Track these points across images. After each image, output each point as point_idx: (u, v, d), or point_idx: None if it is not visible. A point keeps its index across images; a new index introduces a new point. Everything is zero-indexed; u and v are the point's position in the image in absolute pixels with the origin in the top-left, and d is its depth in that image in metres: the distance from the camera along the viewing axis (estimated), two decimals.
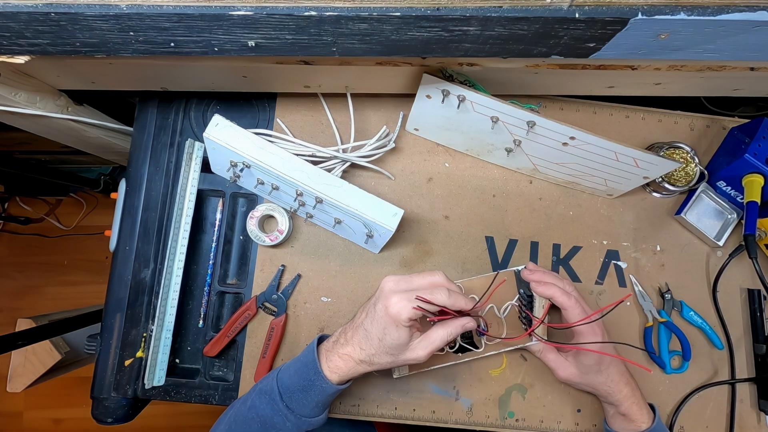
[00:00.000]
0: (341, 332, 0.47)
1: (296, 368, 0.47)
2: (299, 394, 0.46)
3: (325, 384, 0.45)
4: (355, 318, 0.47)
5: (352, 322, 0.47)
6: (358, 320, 0.46)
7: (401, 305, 0.42)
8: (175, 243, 0.56)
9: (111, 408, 0.57)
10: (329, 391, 0.45)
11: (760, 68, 0.47)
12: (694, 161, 0.60)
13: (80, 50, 0.38)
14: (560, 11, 0.33)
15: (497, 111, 0.50)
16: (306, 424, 0.46)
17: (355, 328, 0.46)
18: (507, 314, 0.56)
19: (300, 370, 0.47)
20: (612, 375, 0.51)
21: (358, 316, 0.47)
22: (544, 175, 0.61)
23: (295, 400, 0.45)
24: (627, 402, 0.51)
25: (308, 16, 0.34)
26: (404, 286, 0.43)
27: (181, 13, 0.34)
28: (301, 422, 0.46)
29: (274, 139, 0.57)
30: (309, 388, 0.45)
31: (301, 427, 0.46)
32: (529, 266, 0.55)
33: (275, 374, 0.48)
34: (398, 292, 0.43)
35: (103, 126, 0.68)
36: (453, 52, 0.38)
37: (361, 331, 0.45)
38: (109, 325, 0.58)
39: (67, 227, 1.49)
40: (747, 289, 0.61)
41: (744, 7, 0.32)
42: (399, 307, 0.42)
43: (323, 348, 0.47)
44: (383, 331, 0.43)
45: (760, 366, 0.59)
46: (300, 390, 0.46)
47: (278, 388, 0.46)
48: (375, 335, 0.44)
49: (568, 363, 0.52)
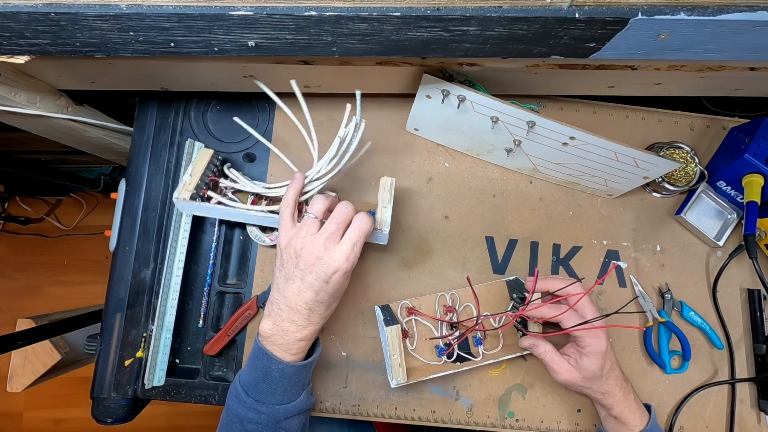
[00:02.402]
0: (268, 312, 0.47)
1: (250, 362, 0.48)
2: (262, 384, 0.46)
3: (281, 365, 0.45)
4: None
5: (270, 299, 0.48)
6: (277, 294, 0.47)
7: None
8: (175, 243, 0.56)
9: (111, 408, 0.57)
10: (288, 371, 0.46)
11: (760, 68, 0.47)
12: (694, 161, 0.60)
13: (80, 50, 0.38)
14: (560, 11, 0.33)
15: (497, 111, 0.50)
16: (283, 411, 0.46)
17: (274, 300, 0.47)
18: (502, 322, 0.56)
19: (253, 362, 0.47)
20: (610, 379, 0.51)
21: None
22: (544, 175, 0.61)
23: (260, 391, 0.46)
24: (619, 406, 0.51)
25: (308, 16, 0.34)
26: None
27: (181, 13, 0.34)
28: (275, 410, 0.46)
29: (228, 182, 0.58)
30: (267, 375, 0.46)
31: (277, 415, 0.46)
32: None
33: (237, 377, 0.49)
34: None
35: (103, 126, 0.68)
36: (453, 52, 0.38)
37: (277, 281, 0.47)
38: (109, 325, 0.58)
39: (67, 227, 1.49)
40: (747, 289, 0.61)
41: (744, 7, 0.32)
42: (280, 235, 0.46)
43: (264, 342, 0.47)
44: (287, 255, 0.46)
45: (760, 366, 0.59)
46: (261, 380, 0.46)
47: (241, 386, 0.47)
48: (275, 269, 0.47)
49: (570, 367, 0.52)
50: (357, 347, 0.58)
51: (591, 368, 0.50)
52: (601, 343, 0.50)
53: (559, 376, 0.52)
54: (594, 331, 0.50)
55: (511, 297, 0.58)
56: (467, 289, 0.58)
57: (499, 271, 0.61)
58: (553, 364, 0.52)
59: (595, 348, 0.50)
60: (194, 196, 0.53)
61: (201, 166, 0.55)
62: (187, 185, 0.53)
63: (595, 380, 0.51)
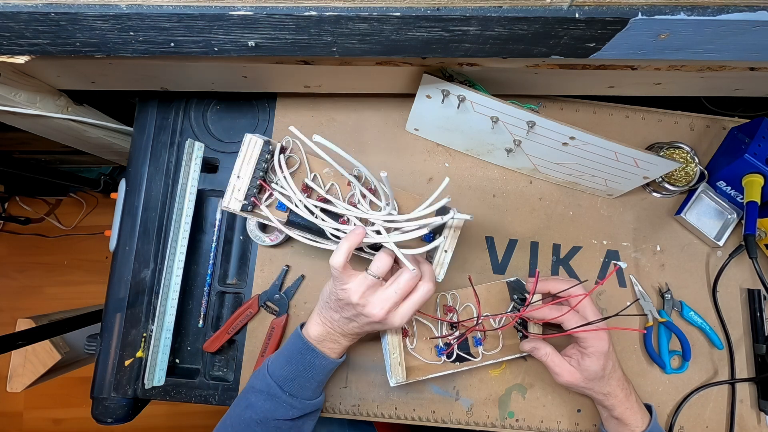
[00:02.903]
0: (317, 313, 0.51)
1: (287, 357, 0.50)
2: (299, 379, 0.49)
3: (324, 361, 0.49)
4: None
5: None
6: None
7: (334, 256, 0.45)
8: (175, 243, 0.56)
9: (111, 408, 0.57)
10: (329, 366, 0.50)
11: (760, 68, 0.47)
12: (694, 161, 0.60)
13: (80, 50, 0.38)
14: (560, 11, 0.33)
15: (497, 111, 0.50)
16: (309, 407, 0.50)
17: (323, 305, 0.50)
18: (502, 323, 0.56)
19: (293, 357, 0.50)
20: (612, 380, 0.51)
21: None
22: (544, 175, 0.61)
23: (296, 385, 0.49)
24: (621, 406, 0.51)
25: (308, 16, 0.34)
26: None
27: (181, 13, 0.34)
28: (305, 405, 0.49)
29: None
30: (310, 369, 0.49)
31: (306, 410, 0.49)
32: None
33: (264, 371, 0.50)
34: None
35: (103, 126, 0.68)
36: (453, 52, 0.38)
37: (323, 304, 0.50)
38: (109, 325, 0.58)
39: (67, 227, 1.49)
40: (747, 289, 0.61)
41: (744, 7, 0.32)
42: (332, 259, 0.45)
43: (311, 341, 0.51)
44: (335, 291, 0.47)
45: (760, 366, 0.59)
46: (300, 374, 0.49)
47: (275, 381, 0.49)
48: (329, 297, 0.48)
49: (572, 368, 0.52)
50: (357, 347, 0.58)
51: (593, 369, 0.50)
52: (603, 344, 0.50)
53: (561, 378, 0.52)
54: (596, 332, 0.50)
55: (512, 298, 0.58)
56: (467, 290, 0.58)
57: (499, 271, 0.61)
58: (554, 366, 0.52)
59: (598, 348, 0.50)
60: (245, 207, 0.46)
61: (252, 162, 0.46)
62: (235, 190, 0.45)
63: (597, 381, 0.51)
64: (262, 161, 0.47)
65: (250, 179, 0.46)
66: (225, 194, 0.46)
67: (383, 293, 0.45)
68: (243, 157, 0.46)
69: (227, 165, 0.61)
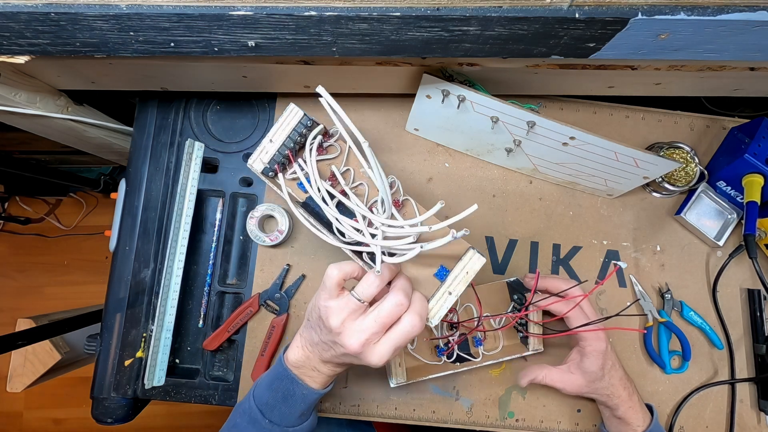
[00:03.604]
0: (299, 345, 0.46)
1: (269, 382, 0.46)
2: (281, 406, 0.45)
3: (305, 391, 0.44)
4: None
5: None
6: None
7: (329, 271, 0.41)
8: (175, 243, 0.56)
9: (111, 408, 0.57)
10: (311, 397, 0.44)
11: (760, 68, 0.47)
12: (694, 161, 0.60)
13: (80, 50, 0.38)
14: (560, 11, 0.33)
15: (497, 111, 0.50)
16: None
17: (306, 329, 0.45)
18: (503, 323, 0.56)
19: (273, 383, 0.45)
20: (613, 379, 0.52)
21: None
22: (544, 175, 0.61)
23: (277, 413, 0.44)
24: (624, 406, 0.51)
25: (308, 16, 0.34)
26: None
27: (181, 13, 0.34)
28: None
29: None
30: (289, 398, 0.44)
31: None
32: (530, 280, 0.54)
33: (251, 392, 0.47)
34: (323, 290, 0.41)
35: (103, 126, 0.68)
36: (453, 52, 0.38)
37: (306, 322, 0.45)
38: (109, 325, 0.58)
39: (67, 227, 1.49)
40: (747, 289, 0.61)
41: (744, 7, 0.32)
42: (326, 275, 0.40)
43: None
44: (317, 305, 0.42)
45: (760, 366, 0.59)
46: (280, 402, 0.45)
47: (257, 405, 0.45)
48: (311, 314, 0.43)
49: (574, 376, 0.53)
50: None
51: (592, 368, 0.51)
52: (600, 344, 0.51)
53: (568, 390, 0.53)
54: (595, 332, 0.51)
55: (512, 298, 0.58)
56: (467, 290, 0.57)
57: (499, 271, 0.61)
58: (557, 383, 0.53)
59: (596, 348, 0.51)
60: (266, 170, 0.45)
61: (287, 130, 0.44)
62: (263, 151, 0.45)
63: (599, 381, 0.51)
64: (296, 133, 0.45)
65: (279, 146, 0.45)
66: (252, 154, 0.45)
67: (362, 322, 0.39)
68: (280, 123, 0.45)
69: (227, 165, 0.61)
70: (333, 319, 0.39)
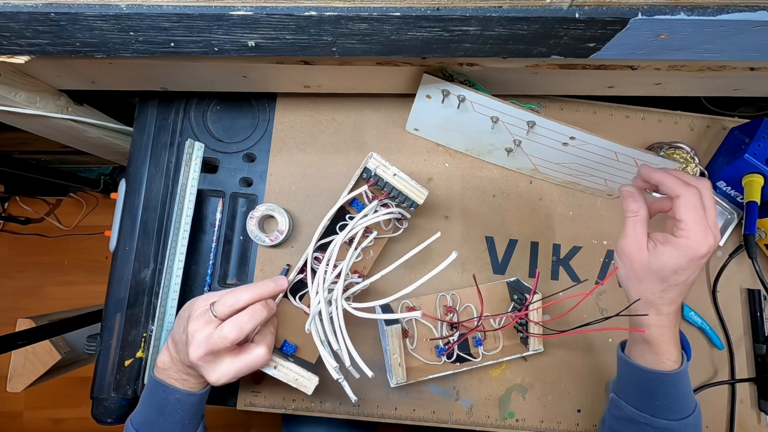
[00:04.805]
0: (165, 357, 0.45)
1: (143, 399, 0.45)
2: (159, 420, 0.43)
3: (178, 395, 0.43)
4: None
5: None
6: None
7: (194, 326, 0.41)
8: (175, 243, 0.56)
9: (111, 408, 0.57)
10: (187, 401, 0.43)
11: (760, 68, 0.47)
12: (694, 161, 0.60)
13: (80, 50, 0.38)
14: (560, 11, 0.33)
15: (497, 111, 0.50)
16: None
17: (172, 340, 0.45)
18: (503, 324, 0.56)
19: (147, 399, 0.45)
20: (672, 293, 0.41)
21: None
22: (544, 175, 0.61)
23: (157, 428, 0.43)
24: (660, 329, 0.42)
25: (308, 16, 0.34)
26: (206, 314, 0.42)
27: (181, 13, 0.34)
28: None
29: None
30: (164, 408, 0.43)
31: None
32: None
33: (128, 421, 0.46)
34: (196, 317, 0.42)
35: (103, 126, 0.68)
36: (453, 52, 0.38)
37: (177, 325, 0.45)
38: (109, 325, 0.58)
39: (67, 227, 1.49)
40: (747, 289, 0.61)
41: (744, 7, 0.32)
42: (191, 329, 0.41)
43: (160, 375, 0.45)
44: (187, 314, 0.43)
45: (760, 366, 0.59)
46: (157, 415, 0.43)
47: (134, 428, 0.44)
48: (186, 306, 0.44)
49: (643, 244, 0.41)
50: (357, 347, 0.58)
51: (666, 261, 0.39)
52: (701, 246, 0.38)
53: (624, 243, 0.42)
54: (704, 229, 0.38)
55: (512, 298, 0.58)
56: (467, 290, 0.58)
57: (499, 271, 0.61)
58: (630, 229, 0.42)
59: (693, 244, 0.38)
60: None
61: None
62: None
63: (655, 281, 0.41)
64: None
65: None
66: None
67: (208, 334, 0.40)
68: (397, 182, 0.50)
69: (227, 165, 0.61)
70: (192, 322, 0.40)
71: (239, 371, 0.41)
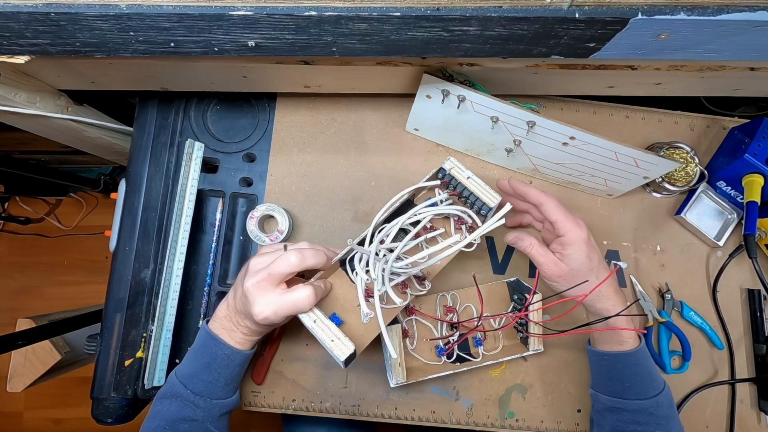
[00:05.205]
0: (224, 305, 0.47)
1: (193, 353, 0.47)
2: (204, 374, 0.45)
3: (227, 351, 0.45)
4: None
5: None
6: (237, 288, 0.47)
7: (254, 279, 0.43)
8: (175, 243, 0.56)
9: (111, 408, 0.57)
10: (236, 359, 0.45)
11: (760, 68, 0.47)
12: (694, 161, 0.60)
13: (80, 50, 0.38)
14: (560, 11, 0.33)
15: (497, 111, 0.50)
16: (218, 407, 0.46)
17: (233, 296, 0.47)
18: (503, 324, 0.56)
19: (197, 352, 0.46)
20: (600, 274, 0.47)
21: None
22: (544, 175, 0.61)
23: (201, 382, 0.45)
24: (615, 311, 0.47)
25: (308, 16, 0.34)
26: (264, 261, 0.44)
27: (181, 13, 0.34)
28: (212, 405, 0.45)
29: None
30: (212, 363, 0.45)
31: (213, 411, 0.45)
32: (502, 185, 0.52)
33: (172, 373, 0.47)
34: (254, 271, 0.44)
35: (103, 126, 0.68)
36: (453, 52, 0.38)
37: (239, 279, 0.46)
38: (109, 325, 0.58)
39: (67, 227, 1.49)
40: (747, 289, 0.61)
41: (744, 7, 0.32)
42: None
43: (214, 325, 0.47)
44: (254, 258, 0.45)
45: (760, 366, 0.59)
46: (204, 369, 0.45)
47: (179, 380, 0.45)
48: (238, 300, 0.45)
49: (556, 259, 0.48)
50: None
51: (577, 257, 0.46)
52: (581, 231, 0.46)
53: (546, 269, 0.48)
54: (573, 219, 0.47)
55: (512, 298, 0.58)
56: (467, 290, 0.58)
57: (499, 271, 0.61)
58: (539, 257, 0.48)
59: (576, 235, 0.46)
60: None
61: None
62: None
63: (584, 273, 0.47)
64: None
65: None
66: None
67: (272, 261, 0.42)
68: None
69: (227, 165, 0.61)
70: (255, 259, 0.44)
71: (281, 306, 0.42)
